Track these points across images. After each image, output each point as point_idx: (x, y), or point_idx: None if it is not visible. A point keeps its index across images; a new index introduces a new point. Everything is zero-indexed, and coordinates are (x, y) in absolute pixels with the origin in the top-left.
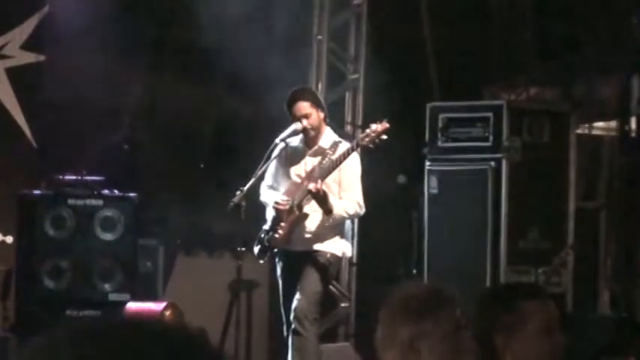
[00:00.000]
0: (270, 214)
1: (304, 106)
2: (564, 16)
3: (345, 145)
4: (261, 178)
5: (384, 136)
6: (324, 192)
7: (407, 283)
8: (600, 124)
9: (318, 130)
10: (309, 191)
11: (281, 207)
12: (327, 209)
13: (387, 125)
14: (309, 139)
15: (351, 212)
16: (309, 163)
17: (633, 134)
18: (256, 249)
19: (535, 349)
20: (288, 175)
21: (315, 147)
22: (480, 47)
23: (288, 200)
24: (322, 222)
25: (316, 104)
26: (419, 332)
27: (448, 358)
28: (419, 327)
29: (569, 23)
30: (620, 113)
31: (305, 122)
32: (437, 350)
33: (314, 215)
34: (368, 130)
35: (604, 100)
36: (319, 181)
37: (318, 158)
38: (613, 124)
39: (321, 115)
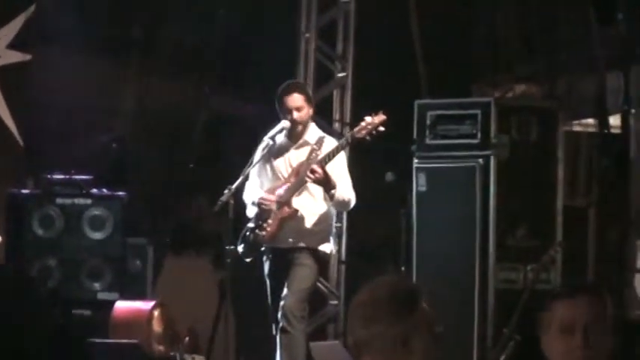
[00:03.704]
0: (252, 212)
1: (299, 99)
2: (547, 14)
3: (330, 140)
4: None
5: (382, 128)
6: (325, 173)
7: (373, 283)
8: (589, 120)
9: (305, 125)
10: (310, 178)
11: (266, 203)
12: (329, 188)
13: (384, 117)
14: (295, 133)
15: (349, 196)
16: (293, 157)
17: (617, 131)
18: (240, 248)
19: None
20: (273, 171)
21: (300, 141)
22: (467, 45)
23: (275, 197)
24: (310, 218)
25: (309, 100)
26: (409, 327)
27: (433, 351)
28: (409, 322)
29: (551, 20)
30: (598, 112)
31: (295, 115)
32: (425, 344)
33: (302, 211)
34: (363, 123)
35: (589, 98)
36: (316, 166)
37: (303, 152)
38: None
39: (311, 111)
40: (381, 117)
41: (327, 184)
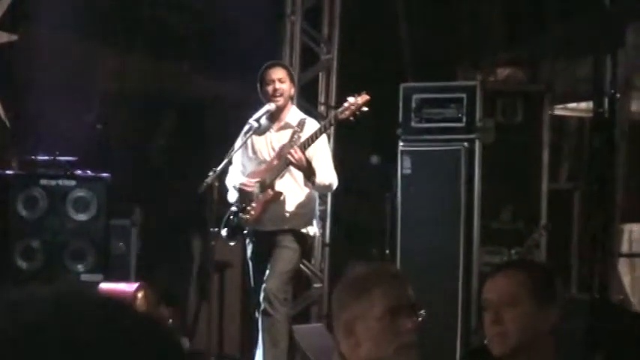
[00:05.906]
0: (233, 196)
1: (281, 71)
2: None
3: (312, 122)
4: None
5: (365, 108)
6: (306, 158)
7: (353, 266)
8: (573, 104)
9: (286, 102)
10: (290, 161)
11: (248, 188)
12: (309, 174)
13: (368, 97)
14: (275, 111)
15: (330, 180)
16: (274, 139)
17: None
18: (224, 231)
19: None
20: (255, 154)
21: (281, 123)
22: (453, 29)
23: (258, 181)
24: (293, 201)
25: (291, 78)
26: (355, 314)
27: (384, 340)
28: (355, 309)
29: (537, 3)
30: (594, 95)
31: (278, 85)
32: (371, 331)
33: (286, 194)
34: (346, 104)
35: (575, 82)
36: (297, 149)
37: (285, 135)
38: (582, 105)
39: (292, 90)
40: (364, 97)
41: (307, 170)
